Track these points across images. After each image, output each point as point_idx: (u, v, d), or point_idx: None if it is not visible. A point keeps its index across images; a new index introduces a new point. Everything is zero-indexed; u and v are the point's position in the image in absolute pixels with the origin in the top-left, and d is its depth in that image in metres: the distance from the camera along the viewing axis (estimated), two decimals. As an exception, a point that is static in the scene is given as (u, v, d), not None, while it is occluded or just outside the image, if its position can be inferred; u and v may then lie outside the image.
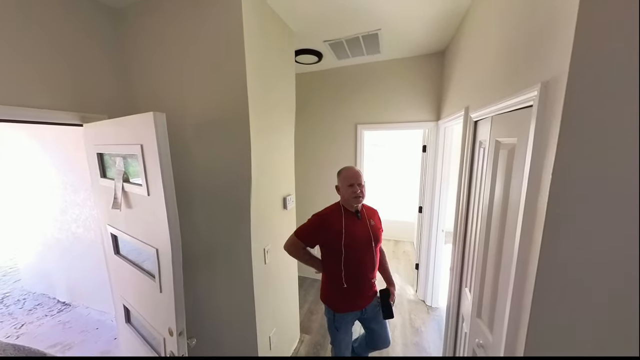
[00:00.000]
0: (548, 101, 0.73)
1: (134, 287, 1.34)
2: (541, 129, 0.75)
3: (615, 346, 0.65)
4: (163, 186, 0.95)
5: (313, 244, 1.39)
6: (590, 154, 0.64)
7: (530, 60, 0.84)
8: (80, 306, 2.84)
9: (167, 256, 1.03)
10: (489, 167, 1.12)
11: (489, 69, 1.22)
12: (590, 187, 0.64)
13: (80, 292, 2.83)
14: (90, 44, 1.43)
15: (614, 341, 0.65)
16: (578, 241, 0.67)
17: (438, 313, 2.56)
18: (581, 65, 0.63)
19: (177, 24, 1.38)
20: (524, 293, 0.80)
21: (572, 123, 0.65)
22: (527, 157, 0.80)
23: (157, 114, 0.93)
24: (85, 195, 2.50)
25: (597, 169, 0.63)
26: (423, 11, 1.64)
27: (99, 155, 1.37)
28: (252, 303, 1.49)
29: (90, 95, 1.44)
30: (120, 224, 1.31)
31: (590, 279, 0.66)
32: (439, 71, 2.35)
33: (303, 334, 2.31)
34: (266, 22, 1.49)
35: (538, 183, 0.75)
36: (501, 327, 0.94)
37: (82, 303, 2.85)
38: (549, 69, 0.73)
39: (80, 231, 2.66)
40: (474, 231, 1.34)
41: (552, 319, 0.72)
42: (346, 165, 1.54)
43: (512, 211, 0.90)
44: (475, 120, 1.37)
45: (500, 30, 1.09)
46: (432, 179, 2.50)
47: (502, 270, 0.98)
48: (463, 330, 1.45)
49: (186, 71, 1.41)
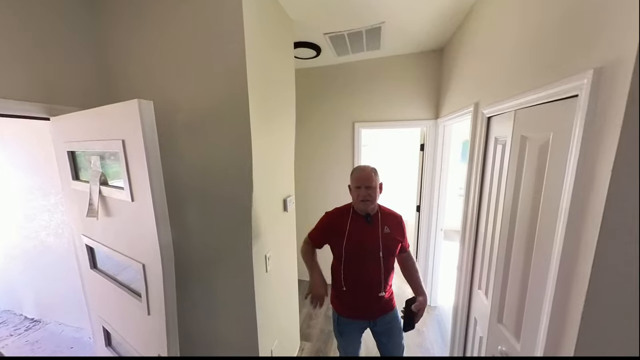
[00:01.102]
0: (601, 90, 0.64)
1: (116, 308, 1.14)
2: (592, 121, 0.66)
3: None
4: (151, 190, 0.78)
5: (321, 243, 1.36)
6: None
7: (571, 48, 0.75)
8: (52, 323, 2.51)
9: (157, 273, 0.85)
10: (513, 164, 1.04)
11: (506, 62, 1.14)
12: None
13: (51, 307, 2.50)
14: (59, 24, 1.20)
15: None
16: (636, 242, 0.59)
17: (438, 312, 2.52)
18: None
19: (163, 6, 1.19)
20: (570, 299, 0.71)
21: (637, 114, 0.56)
22: (572, 152, 0.71)
23: (143, 102, 0.75)
24: (57, 199, 2.20)
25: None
26: (427, 5, 1.55)
27: (70, 153, 1.15)
28: (253, 317, 1.32)
29: (59, 84, 1.21)
30: (98, 234, 1.10)
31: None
32: (438, 69, 2.29)
33: (303, 342, 2.16)
34: (265, 7, 1.33)
35: (590, 180, 0.66)
36: (534, 334, 0.86)
37: (54, 319, 2.52)
38: (602, 54, 0.64)
39: (50, 239, 2.34)
40: (489, 231, 1.27)
41: (607, 324, 0.64)
42: (342, 166, 1.43)
43: (549, 211, 0.81)
44: (489, 116, 1.29)
45: (524, 20, 1.01)
46: (431, 178, 2.45)
47: (534, 274, 0.89)
48: (477, 334, 1.37)
49: (176, 59, 1.22)
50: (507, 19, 1.15)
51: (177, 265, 0.94)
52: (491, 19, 1.32)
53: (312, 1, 1.49)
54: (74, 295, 2.22)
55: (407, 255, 1.38)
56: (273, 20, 1.44)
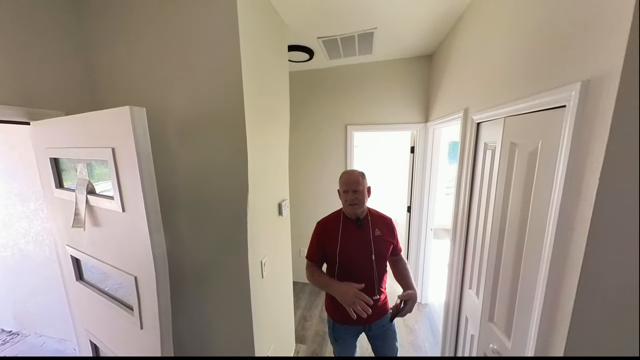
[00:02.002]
0: (588, 101, 0.67)
1: (104, 321, 1.07)
2: (580, 131, 0.69)
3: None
4: (144, 201, 0.73)
5: (321, 258, 1.31)
6: (646, 158, 0.58)
7: (560, 60, 0.78)
8: (32, 335, 2.35)
9: (150, 286, 0.81)
10: (502, 169, 1.06)
11: (496, 70, 1.17)
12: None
13: (31, 318, 2.34)
14: (41, 25, 1.12)
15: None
16: (623, 245, 0.61)
17: (428, 309, 2.56)
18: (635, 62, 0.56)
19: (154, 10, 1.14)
20: (559, 298, 0.74)
21: (624, 125, 0.59)
22: (561, 160, 0.74)
23: (136, 109, 0.71)
24: (37, 205, 2.06)
25: (653, 173, 0.58)
26: (420, 12, 1.57)
27: (53, 160, 1.07)
28: (249, 325, 1.29)
29: (41, 86, 1.13)
30: (85, 245, 1.03)
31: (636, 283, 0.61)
32: (427, 74, 2.33)
33: (298, 344, 2.14)
34: (260, 11, 1.29)
35: (578, 188, 0.69)
36: (524, 333, 0.88)
37: (34, 331, 2.36)
38: (589, 67, 0.66)
39: (30, 247, 2.19)
40: (479, 232, 1.30)
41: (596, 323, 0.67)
42: (334, 168, 1.41)
43: (539, 215, 0.84)
44: (478, 122, 1.32)
45: (514, 33, 1.03)
46: (421, 179, 2.49)
47: (525, 275, 0.92)
48: (468, 332, 1.40)
49: (167, 62, 1.16)
50: (497, 29, 1.18)
51: (170, 276, 0.90)
52: (480, 28, 1.35)
53: (306, 6, 1.47)
54: (56, 305, 2.09)
55: (399, 258, 1.39)
56: (268, 25, 1.41)
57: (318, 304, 2.65)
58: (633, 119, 0.58)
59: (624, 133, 0.59)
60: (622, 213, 0.62)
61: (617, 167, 0.61)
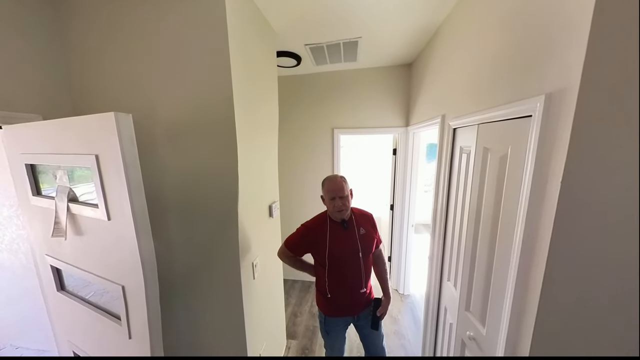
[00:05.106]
0: (551, 112, 0.71)
1: (89, 332, 0.99)
2: (544, 138, 0.73)
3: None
4: (132, 210, 0.68)
5: (301, 254, 1.36)
6: (601, 163, 0.63)
7: (525, 73, 0.82)
8: (7, 347, 2.14)
9: (139, 294, 0.76)
10: (477, 172, 1.11)
11: (469, 80, 1.22)
12: (595, 191, 0.64)
13: (5, 329, 2.13)
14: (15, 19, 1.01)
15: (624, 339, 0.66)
16: (584, 240, 0.67)
17: (410, 300, 2.64)
18: (592, 77, 0.61)
19: (141, 12, 1.07)
20: (528, 288, 0.78)
21: (583, 134, 0.63)
22: (528, 164, 0.78)
23: (121, 115, 0.66)
24: (11, 212, 1.87)
25: (606, 175, 0.63)
26: (401, 24, 1.60)
27: (29, 166, 0.97)
28: (242, 327, 1.25)
29: (15, 88, 1.02)
30: (66, 254, 0.95)
31: (597, 276, 0.66)
32: (408, 81, 2.39)
33: (289, 340, 2.12)
34: (249, 18, 1.26)
35: (543, 189, 0.73)
36: (497, 320, 0.93)
37: (9, 343, 2.15)
38: (551, 82, 0.71)
39: (4, 256, 1.99)
40: (456, 229, 1.35)
41: (560, 313, 0.72)
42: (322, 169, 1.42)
43: (509, 213, 0.88)
44: (454, 127, 1.37)
45: (482, 50, 1.08)
46: (403, 179, 2.55)
47: (497, 267, 0.97)
48: (447, 321, 1.46)
49: (156, 69, 1.10)
50: (468, 45, 1.22)
51: (160, 281, 0.85)
52: (454, 43, 1.40)
53: (295, 15, 1.45)
54: (35, 316, 1.92)
55: (379, 252, 1.42)
56: (257, 32, 1.37)
57: (308, 300, 2.64)
58: (591, 128, 0.62)
59: (583, 141, 0.63)
60: (581, 212, 0.66)
61: (577, 172, 0.65)
